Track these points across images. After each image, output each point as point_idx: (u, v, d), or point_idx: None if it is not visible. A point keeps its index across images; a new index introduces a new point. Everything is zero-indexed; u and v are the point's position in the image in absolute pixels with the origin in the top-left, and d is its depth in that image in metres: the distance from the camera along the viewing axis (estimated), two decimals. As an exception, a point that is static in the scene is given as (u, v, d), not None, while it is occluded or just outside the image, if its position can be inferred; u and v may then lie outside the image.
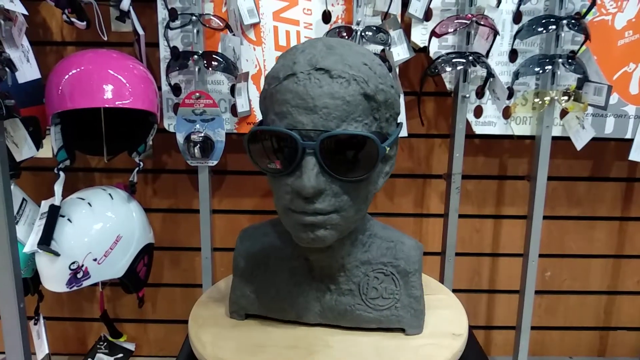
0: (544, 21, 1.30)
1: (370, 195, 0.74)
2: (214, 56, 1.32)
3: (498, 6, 1.33)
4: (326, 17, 1.34)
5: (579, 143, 1.39)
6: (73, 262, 1.18)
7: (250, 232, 0.87)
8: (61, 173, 1.21)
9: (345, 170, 0.67)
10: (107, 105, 1.16)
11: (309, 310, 0.83)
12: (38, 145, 1.25)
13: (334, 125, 0.66)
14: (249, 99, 1.38)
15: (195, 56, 1.31)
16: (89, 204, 1.23)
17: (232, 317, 0.87)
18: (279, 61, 0.71)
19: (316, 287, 0.82)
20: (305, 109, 0.66)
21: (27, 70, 1.13)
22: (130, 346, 1.49)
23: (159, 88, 1.35)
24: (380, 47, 1.30)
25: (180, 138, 1.35)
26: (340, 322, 0.84)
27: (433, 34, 1.32)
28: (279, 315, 0.85)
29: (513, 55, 1.36)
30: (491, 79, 1.34)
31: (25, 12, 1.07)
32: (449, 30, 1.32)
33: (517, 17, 1.34)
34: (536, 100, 1.37)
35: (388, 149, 0.69)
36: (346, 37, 1.29)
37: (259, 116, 1.40)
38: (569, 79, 1.36)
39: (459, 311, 0.93)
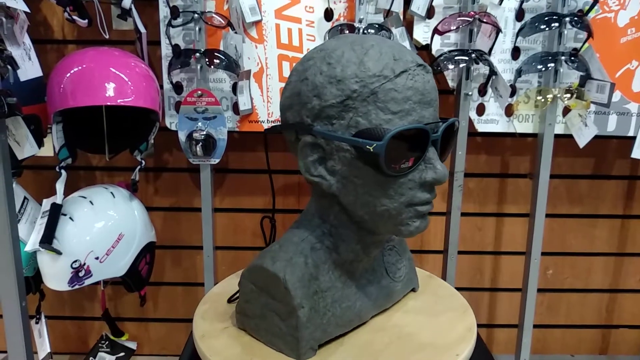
0: (546, 19, 1.30)
1: None
2: (215, 54, 1.31)
3: (501, 3, 1.33)
4: (328, 14, 1.34)
5: (582, 141, 1.39)
6: (75, 261, 1.17)
7: (287, 259, 0.76)
8: (63, 171, 1.21)
9: (445, 155, 0.74)
10: (109, 103, 1.16)
11: (367, 308, 0.84)
12: (39, 143, 1.24)
13: (438, 116, 0.72)
14: (251, 97, 1.38)
15: (197, 54, 1.31)
16: (90, 202, 1.23)
17: (305, 357, 0.76)
18: (363, 59, 0.67)
19: (361, 285, 0.83)
20: (424, 103, 0.68)
21: (29, 68, 1.13)
22: (132, 345, 1.49)
23: (161, 86, 1.35)
24: (383, 45, 1.30)
25: (182, 136, 1.35)
26: (385, 306, 0.89)
27: (435, 31, 1.32)
28: (348, 327, 0.82)
29: (515, 52, 1.36)
30: (494, 77, 1.34)
31: (27, 10, 1.06)
32: (452, 28, 1.31)
33: (519, 14, 1.34)
34: (539, 98, 1.37)
35: None
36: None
37: (260, 114, 1.40)
38: (571, 77, 1.36)
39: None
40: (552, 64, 1.32)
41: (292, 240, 0.78)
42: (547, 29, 1.30)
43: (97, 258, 1.20)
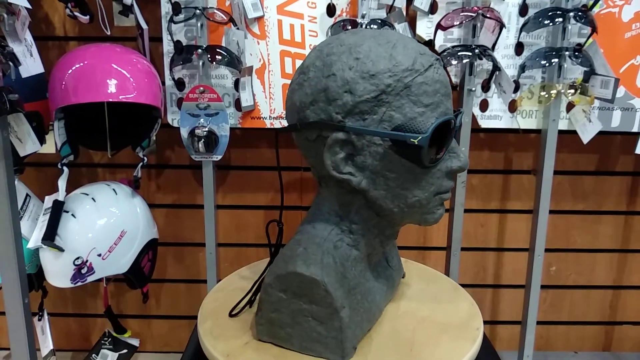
0: (550, 14, 1.29)
1: None
2: (217, 50, 1.31)
3: (504, -1, 1.32)
4: (331, 10, 1.33)
5: (586, 137, 1.38)
6: (77, 258, 1.17)
7: (319, 261, 0.74)
8: (65, 168, 1.21)
9: None
10: (111, 100, 1.16)
11: (382, 299, 0.87)
12: (41, 140, 1.24)
13: None
14: (253, 94, 1.37)
15: (199, 50, 1.30)
16: (93, 199, 1.23)
17: (348, 357, 0.76)
18: (392, 53, 0.69)
19: (375, 277, 0.85)
20: (447, 95, 0.72)
21: (31, 64, 1.12)
22: (135, 342, 1.49)
23: (163, 83, 1.34)
24: (386, 41, 1.29)
25: (184, 133, 1.35)
26: (392, 295, 0.93)
27: (438, 27, 1.31)
28: (374, 321, 0.84)
29: (519, 48, 1.35)
30: (497, 72, 1.33)
31: (29, 6, 1.06)
32: (455, 23, 1.30)
33: (523, 9, 1.33)
34: (542, 93, 1.36)
35: None
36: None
37: (263, 110, 1.39)
38: (575, 72, 1.35)
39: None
40: (556, 60, 1.31)
41: (315, 241, 0.76)
42: (551, 24, 1.29)
43: (99, 255, 1.20)
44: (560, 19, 1.28)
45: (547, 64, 1.32)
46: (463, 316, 0.90)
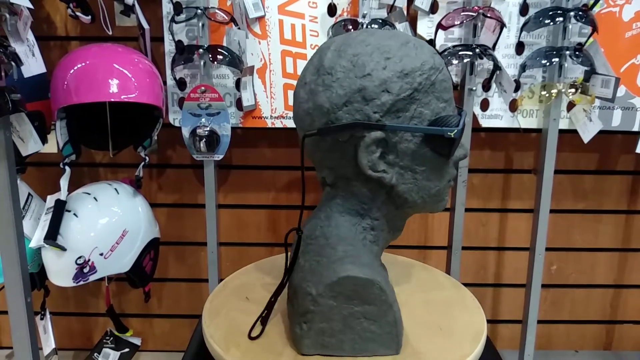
0: (551, 13, 1.29)
1: None
2: (219, 50, 1.31)
3: (505, -2, 1.32)
4: (332, 10, 1.33)
5: (586, 136, 1.38)
6: (79, 257, 1.18)
7: (363, 262, 0.75)
8: (67, 168, 1.21)
9: None
10: (112, 100, 1.16)
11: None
12: (43, 140, 1.24)
13: None
14: (254, 93, 1.38)
15: (201, 50, 1.31)
16: (94, 198, 1.23)
17: (401, 348, 0.79)
18: (416, 52, 0.72)
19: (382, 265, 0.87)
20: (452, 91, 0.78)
21: (33, 64, 1.12)
22: (136, 341, 1.50)
23: (164, 82, 1.35)
24: (386, 40, 1.29)
25: (185, 132, 1.35)
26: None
27: (439, 26, 1.31)
28: None
29: (520, 47, 1.35)
30: (498, 72, 1.33)
31: (31, 6, 1.06)
32: (456, 23, 1.30)
33: (523, 9, 1.33)
34: (543, 93, 1.36)
35: None
36: (352, 30, 1.29)
37: (264, 110, 1.40)
38: (576, 72, 1.35)
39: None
40: (557, 59, 1.31)
41: (348, 242, 0.76)
42: (551, 23, 1.30)
43: (101, 254, 1.20)
44: (561, 19, 1.28)
45: (547, 64, 1.33)
46: (451, 289, 0.97)
